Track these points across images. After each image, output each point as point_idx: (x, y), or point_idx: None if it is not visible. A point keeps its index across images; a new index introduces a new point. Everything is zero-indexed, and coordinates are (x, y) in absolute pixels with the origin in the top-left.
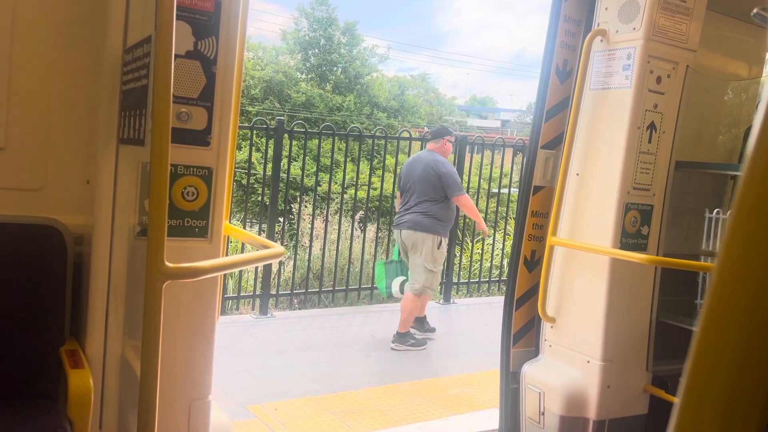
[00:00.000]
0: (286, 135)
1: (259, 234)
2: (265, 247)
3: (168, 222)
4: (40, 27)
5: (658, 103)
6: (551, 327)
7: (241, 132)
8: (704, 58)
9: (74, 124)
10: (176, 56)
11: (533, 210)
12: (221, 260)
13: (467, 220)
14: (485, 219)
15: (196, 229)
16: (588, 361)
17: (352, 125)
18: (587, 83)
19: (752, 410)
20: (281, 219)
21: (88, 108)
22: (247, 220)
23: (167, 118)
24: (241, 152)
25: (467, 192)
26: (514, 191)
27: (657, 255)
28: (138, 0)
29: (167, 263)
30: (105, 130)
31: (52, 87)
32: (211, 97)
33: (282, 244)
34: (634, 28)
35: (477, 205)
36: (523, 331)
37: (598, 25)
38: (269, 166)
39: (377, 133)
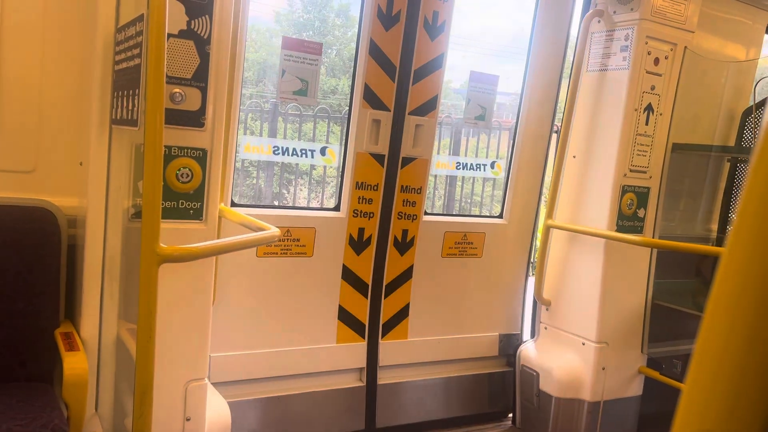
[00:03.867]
0: (280, 118)
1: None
2: (261, 229)
3: (163, 204)
4: (30, 7)
5: (656, 84)
6: (546, 309)
7: None
8: (702, 40)
9: (66, 105)
10: (169, 35)
11: (403, 185)
12: (216, 242)
13: None
14: (481, 203)
15: (191, 211)
16: (583, 343)
17: (347, 108)
18: (584, 65)
19: (758, 403)
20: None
21: (80, 89)
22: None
23: (160, 98)
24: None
25: (460, 168)
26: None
27: (653, 237)
28: None
29: (162, 245)
30: (97, 111)
31: (43, 67)
32: (205, 77)
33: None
34: (632, 9)
35: (473, 189)
36: (394, 321)
37: (595, 6)
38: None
39: None
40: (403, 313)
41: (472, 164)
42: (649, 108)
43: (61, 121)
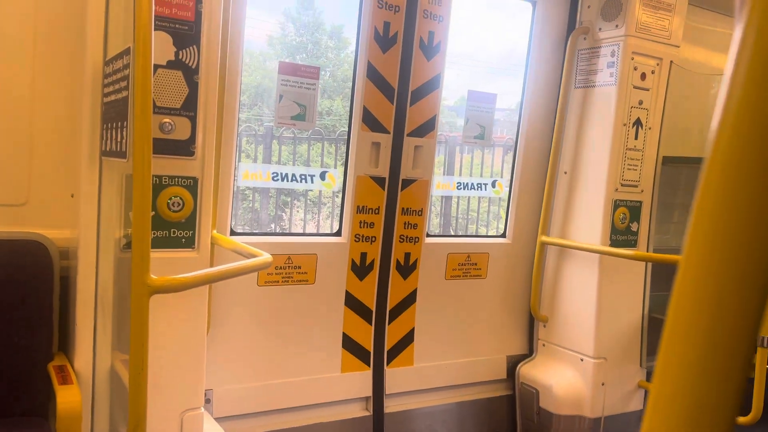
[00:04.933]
0: (275, 141)
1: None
2: (254, 256)
3: (154, 233)
4: (19, 41)
5: (644, 99)
6: (544, 326)
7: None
8: (688, 53)
9: (57, 138)
10: (157, 66)
11: (404, 207)
12: (207, 271)
13: None
14: (477, 218)
15: (183, 240)
16: (582, 359)
17: (342, 129)
18: (572, 81)
19: (720, 410)
20: (272, 225)
21: (70, 121)
22: (239, 227)
23: (148, 130)
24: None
25: (461, 188)
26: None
27: (648, 251)
28: (117, 11)
29: (153, 276)
30: (87, 143)
31: (34, 101)
32: (194, 106)
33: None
34: (617, 26)
35: (469, 204)
36: (400, 347)
37: (581, 24)
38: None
39: None
40: (408, 339)
41: (472, 184)
42: (638, 122)
43: (52, 154)
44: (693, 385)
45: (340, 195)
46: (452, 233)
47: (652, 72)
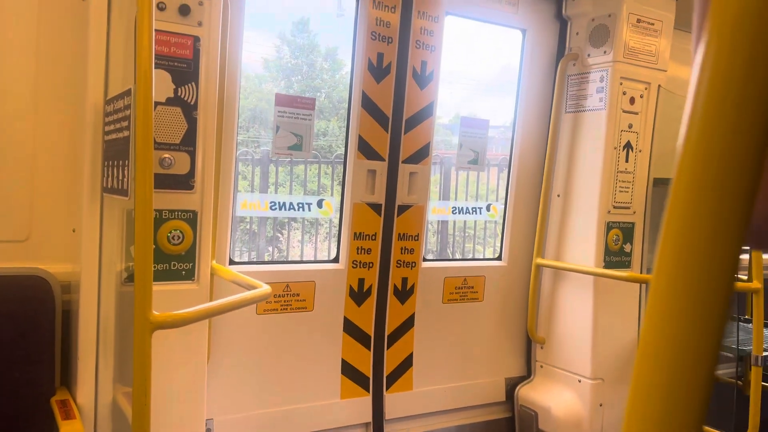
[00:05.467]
0: (271, 165)
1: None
2: (253, 286)
3: (155, 266)
4: (21, 79)
5: (633, 123)
6: (541, 347)
7: None
8: (677, 74)
9: (58, 174)
10: (157, 104)
11: (400, 232)
12: (208, 306)
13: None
14: (474, 237)
15: (183, 272)
16: (579, 380)
17: (338, 151)
18: (563, 106)
19: (689, 416)
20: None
21: (71, 158)
22: (236, 249)
23: (149, 169)
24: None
25: (456, 212)
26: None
27: (641, 271)
28: (117, 51)
29: (155, 312)
30: (89, 179)
31: (35, 139)
32: (193, 141)
33: None
34: (605, 52)
35: (465, 223)
36: (399, 372)
37: (570, 50)
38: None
39: None
40: (407, 363)
41: (467, 208)
42: (628, 145)
43: (53, 190)
44: (663, 392)
45: (337, 219)
46: (449, 254)
47: (641, 96)
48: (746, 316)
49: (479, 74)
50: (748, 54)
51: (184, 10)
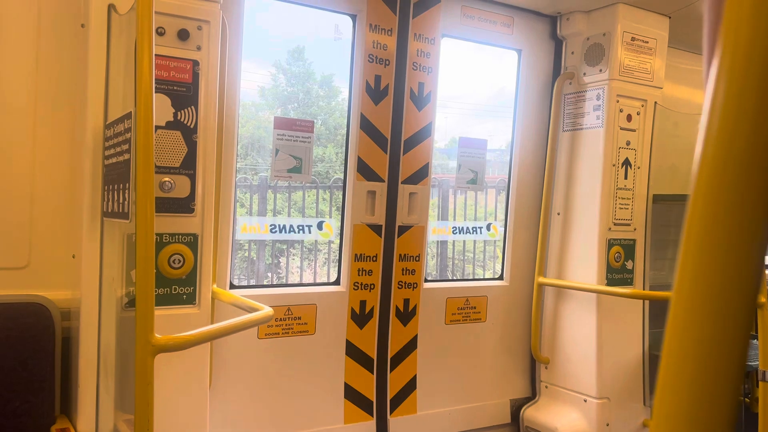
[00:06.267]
0: (270, 191)
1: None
2: (255, 309)
3: (156, 291)
4: (21, 104)
5: (631, 139)
6: (546, 367)
7: None
8: (673, 91)
9: (57, 200)
10: (157, 127)
11: (401, 253)
12: (210, 329)
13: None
14: (473, 260)
15: (184, 296)
16: (585, 400)
17: (335, 176)
18: (560, 125)
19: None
20: (269, 274)
21: (70, 184)
22: (235, 276)
23: (150, 192)
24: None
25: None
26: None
27: (644, 288)
28: (117, 76)
29: (157, 335)
30: (89, 204)
31: (35, 164)
32: (193, 164)
33: None
34: (601, 70)
35: (464, 246)
36: (402, 395)
37: (566, 69)
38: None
39: None
40: (410, 386)
41: (467, 228)
42: (626, 162)
43: (53, 216)
44: (689, 410)
45: (337, 242)
46: (449, 276)
47: (638, 113)
48: (752, 332)
49: (475, 98)
50: (763, 70)
51: (183, 35)
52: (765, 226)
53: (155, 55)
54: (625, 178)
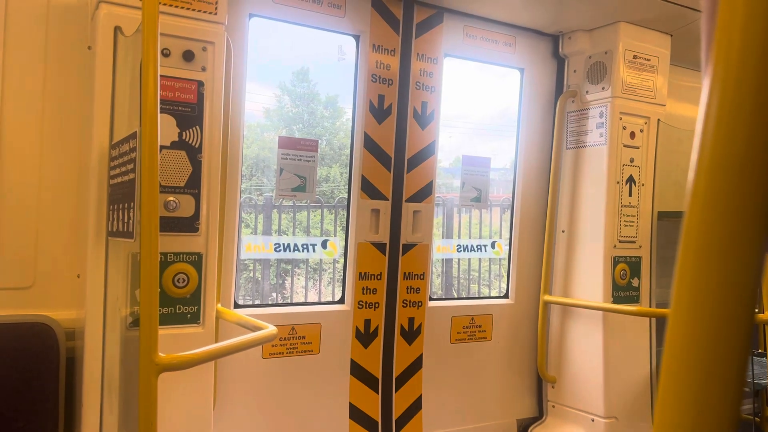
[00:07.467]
0: (275, 210)
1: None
2: (259, 328)
3: (160, 310)
4: (27, 125)
5: (635, 157)
6: (552, 387)
7: None
8: (675, 109)
9: (62, 220)
10: (162, 147)
11: (405, 271)
12: (214, 347)
13: None
14: (479, 279)
15: (189, 315)
16: (593, 420)
17: (340, 195)
18: (563, 142)
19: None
20: (273, 294)
21: (76, 204)
22: (240, 296)
23: (155, 211)
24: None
25: (461, 250)
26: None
27: (650, 305)
28: (123, 96)
29: (161, 354)
30: (94, 224)
31: (41, 184)
32: (197, 184)
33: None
34: (603, 88)
35: (469, 265)
36: (408, 416)
37: (568, 87)
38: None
39: None
40: (416, 406)
41: (472, 246)
42: (630, 180)
43: (58, 236)
44: (690, 425)
45: (342, 261)
46: (455, 295)
47: (641, 130)
48: (760, 350)
49: (479, 117)
50: (754, 79)
51: (188, 56)
52: (762, 235)
53: (160, 75)
54: (630, 195)
